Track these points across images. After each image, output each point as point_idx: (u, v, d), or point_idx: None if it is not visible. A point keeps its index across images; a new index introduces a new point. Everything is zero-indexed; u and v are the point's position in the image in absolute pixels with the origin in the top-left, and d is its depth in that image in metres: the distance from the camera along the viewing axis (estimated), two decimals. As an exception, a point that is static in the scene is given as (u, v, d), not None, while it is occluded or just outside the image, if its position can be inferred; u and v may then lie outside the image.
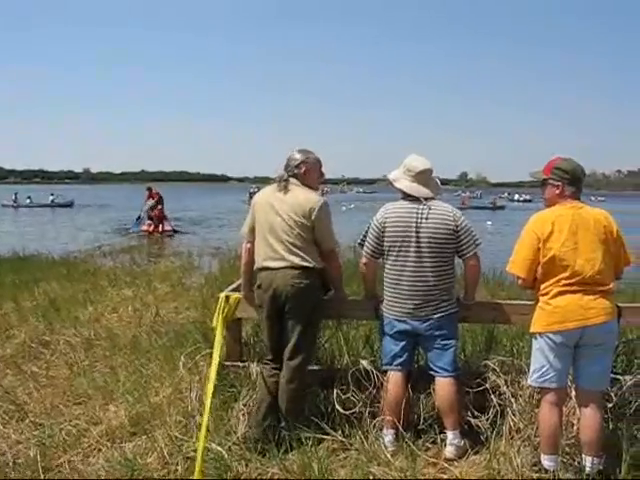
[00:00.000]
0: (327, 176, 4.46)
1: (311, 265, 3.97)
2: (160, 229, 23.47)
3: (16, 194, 52.48)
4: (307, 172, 4.10)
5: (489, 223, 32.28)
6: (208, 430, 3.76)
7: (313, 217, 3.96)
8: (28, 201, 51.73)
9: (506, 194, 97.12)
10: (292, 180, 4.08)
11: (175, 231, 24.41)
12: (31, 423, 4.48)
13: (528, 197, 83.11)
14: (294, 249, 3.96)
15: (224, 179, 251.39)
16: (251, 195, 54.07)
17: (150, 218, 23.92)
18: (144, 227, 23.93)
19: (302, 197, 4.01)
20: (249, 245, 4.25)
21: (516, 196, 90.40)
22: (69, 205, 51.72)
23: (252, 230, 4.19)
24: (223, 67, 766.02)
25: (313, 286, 3.99)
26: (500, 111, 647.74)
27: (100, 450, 4.05)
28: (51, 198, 52.71)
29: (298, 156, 4.12)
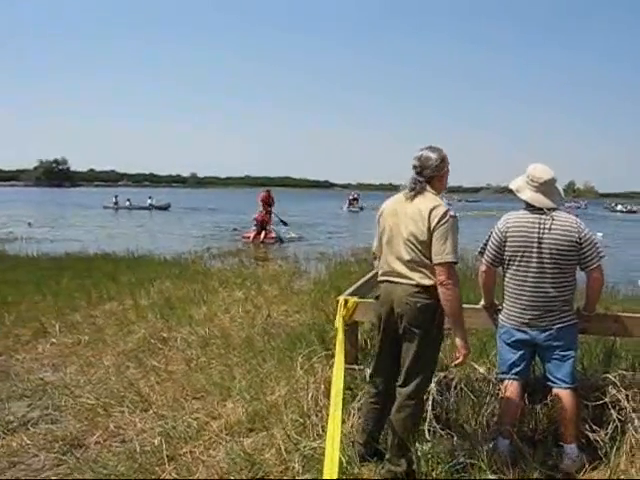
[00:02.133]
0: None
1: (434, 282, 3.53)
2: (261, 236, 21.86)
3: (116, 196, 54.54)
4: (447, 173, 3.71)
5: (600, 235, 31.13)
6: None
7: (432, 226, 3.48)
8: (127, 203, 53.27)
9: (613, 204, 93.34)
10: (427, 187, 3.64)
11: (280, 239, 23.07)
12: (154, 414, 4.73)
13: (634, 208, 79.52)
14: (416, 266, 3.55)
15: (327, 185, 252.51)
16: (350, 202, 54.83)
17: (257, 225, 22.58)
18: (248, 232, 23.00)
19: (424, 206, 3.54)
20: (375, 262, 4.00)
21: (619, 206, 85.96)
22: (166, 208, 52.93)
23: (379, 245, 3.84)
24: (331, 71, 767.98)
25: (434, 306, 3.54)
26: (614, 119, 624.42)
27: (220, 443, 4.19)
28: (149, 201, 53.83)
29: (434, 155, 3.63)
